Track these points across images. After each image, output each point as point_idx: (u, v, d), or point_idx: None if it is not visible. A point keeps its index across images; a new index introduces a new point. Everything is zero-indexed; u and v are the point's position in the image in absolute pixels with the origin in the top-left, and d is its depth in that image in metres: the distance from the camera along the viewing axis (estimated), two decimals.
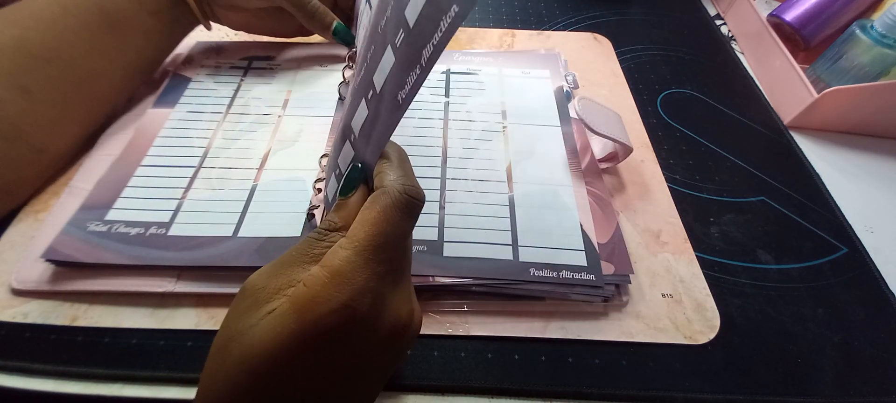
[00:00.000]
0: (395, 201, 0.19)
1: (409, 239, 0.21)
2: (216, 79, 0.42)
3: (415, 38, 0.17)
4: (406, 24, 0.17)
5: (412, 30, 0.17)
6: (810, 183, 0.40)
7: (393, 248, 0.19)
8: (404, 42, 0.18)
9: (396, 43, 0.18)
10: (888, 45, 0.41)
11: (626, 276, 0.30)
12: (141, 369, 0.27)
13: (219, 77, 0.42)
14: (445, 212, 0.33)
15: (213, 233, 0.31)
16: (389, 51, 0.19)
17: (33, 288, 0.29)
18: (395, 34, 0.18)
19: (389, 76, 0.19)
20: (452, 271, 0.29)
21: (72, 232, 0.30)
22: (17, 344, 0.27)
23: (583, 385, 0.27)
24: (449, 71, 0.44)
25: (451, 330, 0.29)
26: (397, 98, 0.18)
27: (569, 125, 0.40)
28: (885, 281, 0.34)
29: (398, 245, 0.19)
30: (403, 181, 0.19)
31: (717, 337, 0.30)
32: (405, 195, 0.19)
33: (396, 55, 0.18)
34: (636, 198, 0.37)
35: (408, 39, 0.17)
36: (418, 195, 0.20)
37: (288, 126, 0.38)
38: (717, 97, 0.47)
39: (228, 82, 0.42)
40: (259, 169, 0.35)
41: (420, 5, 0.16)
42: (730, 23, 0.58)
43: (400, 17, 0.18)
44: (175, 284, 0.29)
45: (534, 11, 0.57)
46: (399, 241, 0.19)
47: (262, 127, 0.38)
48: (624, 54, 0.51)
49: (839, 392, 0.28)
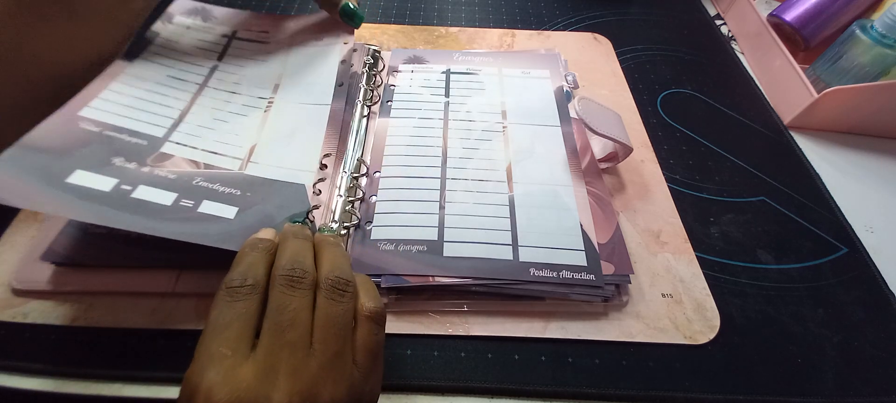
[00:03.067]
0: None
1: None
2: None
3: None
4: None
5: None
6: (810, 183, 0.40)
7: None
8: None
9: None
10: (888, 45, 0.41)
11: (626, 276, 0.30)
12: (141, 369, 0.27)
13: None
14: (445, 212, 0.33)
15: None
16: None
17: (33, 288, 0.29)
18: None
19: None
20: (452, 271, 0.29)
21: (72, 233, 0.30)
22: (17, 344, 0.27)
23: (583, 385, 0.27)
24: (449, 71, 0.44)
25: (451, 330, 0.29)
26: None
27: (569, 125, 0.40)
28: (885, 281, 0.34)
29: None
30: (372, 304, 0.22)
31: (717, 337, 0.30)
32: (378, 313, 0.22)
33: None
34: (636, 198, 0.37)
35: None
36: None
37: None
38: (717, 97, 0.47)
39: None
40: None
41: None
42: (730, 23, 0.58)
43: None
44: (175, 284, 0.29)
45: (534, 11, 0.57)
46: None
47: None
48: (624, 54, 0.51)
49: (839, 392, 0.28)
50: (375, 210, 0.33)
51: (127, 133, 0.31)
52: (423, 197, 0.34)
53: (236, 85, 0.37)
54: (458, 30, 0.52)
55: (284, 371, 0.18)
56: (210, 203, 0.29)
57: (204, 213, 0.28)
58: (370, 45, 0.45)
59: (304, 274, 0.21)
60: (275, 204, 0.30)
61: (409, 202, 0.33)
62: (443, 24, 0.53)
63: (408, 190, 0.34)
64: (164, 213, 0.27)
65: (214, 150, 0.32)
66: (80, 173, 0.27)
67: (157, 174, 0.29)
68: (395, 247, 0.31)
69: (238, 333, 0.19)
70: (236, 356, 0.18)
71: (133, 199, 0.27)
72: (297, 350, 0.19)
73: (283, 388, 0.18)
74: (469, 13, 0.56)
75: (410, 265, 0.30)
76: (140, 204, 0.27)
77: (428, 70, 0.44)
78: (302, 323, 0.19)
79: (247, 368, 0.18)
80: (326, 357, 0.19)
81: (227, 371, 0.18)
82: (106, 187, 0.27)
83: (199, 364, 0.18)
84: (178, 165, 0.30)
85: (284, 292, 0.20)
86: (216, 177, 0.31)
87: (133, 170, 0.29)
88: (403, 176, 0.35)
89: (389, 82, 0.43)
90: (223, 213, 0.28)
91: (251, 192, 0.30)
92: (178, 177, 0.29)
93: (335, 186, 0.33)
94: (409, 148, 0.37)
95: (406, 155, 0.37)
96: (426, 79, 0.43)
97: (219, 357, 0.18)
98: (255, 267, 0.21)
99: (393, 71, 0.44)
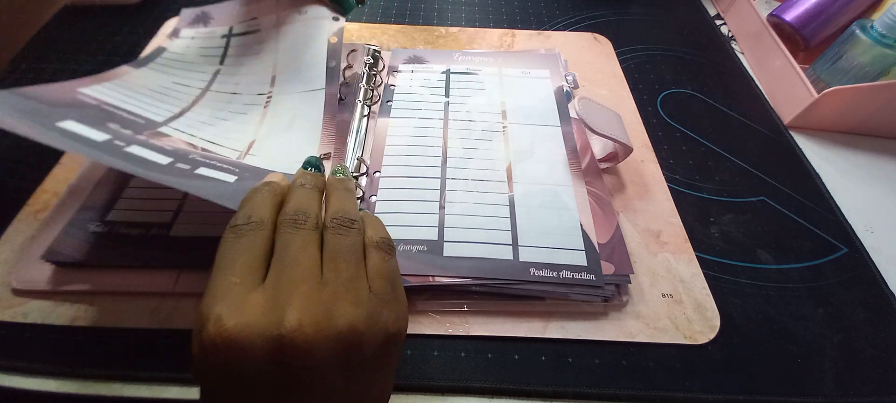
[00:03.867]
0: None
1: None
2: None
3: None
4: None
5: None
6: (810, 183, 0.40)
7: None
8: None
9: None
10: (888, 44, 0.41)
11: (626, 276, 0.30)
12: (141, 369, 0.27)
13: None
14: (445, 212, 0.33)
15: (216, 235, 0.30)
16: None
17: (33, 288, 0.29)
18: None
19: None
20: (452, 271, 0.29)
21: (72, 232, 0.30)
22: (17, 344, 0.27)
23: (583, 385, 0.27)
24: (449, 71, 0.44)
25: (451, 330, 0.29)
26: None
27: (569, 125, 0.40)
28: (885, 281, 0.34)
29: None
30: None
31: (717, 337, 0.30)
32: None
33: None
34: (636, 198, 0.37)
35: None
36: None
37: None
38: (717, 97, 0.47)
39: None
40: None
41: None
42: (730, 23, 0.58)
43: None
44: (175, 284, 0.29)
45: (534, 11, 0.57)
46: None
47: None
48: (624, 54, 0.51)
49: (839, 392, 0.28)
50: (375, 210, 0.33)
51: (125, 112, 0.30)
52: (423, 197, 0.34)
53: (237, 85, 0.37)
54: (458, 30, 0.52)
55: (296, 297, 0.18)
56: (207, 170, 0.28)
57: (202, 175, 0.27)
58: (370, 45, 0.45)
59: (308, 217, 0.20)
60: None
61: (409, 202, 0.33)
62: (443, 24, 0.53)
63: (408, 190, 0.34)
64: (160, 169, 0.26)
65: (213, 140, 0.32)
66: (72, 123, 0.26)
67: (152, 142, 0.28)
68: (396, 247, 0.30)
69: (245, 265, 0.18)
70: (245, 285, 0.18)
71: (126, 153, 0.26)
72: (307, 280, 0.18)
73: (295, 311, 0.17)
74: (469, 13, 0.56)
75: (411, 265, 0.30)
76: (133, 158, 0.26)
77: (428, 70, 0.44)
78: (309, 257, 0.19)
79: (256, 296, 0.18)
80: (339, 282, 0.19)
81: (236, 299, 0.17)
82: (98, 138, 0.26)
83: (208, 297, 0.18)
84: (174, 143, 0.30)
85: (289, 231, 0.20)
86: (213, 158, 0.30)
87: (128, 135, 0.28)
88: (403, 176, 0.35)
89: (389, 82, 0.43)
90: (221, 177, 0.28)
91: (249, 174, 0.30)
92: (174, 148, 0.29)
93: None
94: (409, 148, 0.37)
95: (406, 155, 0.37)
96: (426, 79, 0.43)
97: (227, 287, 0.18)
98: (260, 206, 0.21)
99: (393, 71, 0.44)
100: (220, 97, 0.36)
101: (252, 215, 0.20)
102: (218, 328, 0.16)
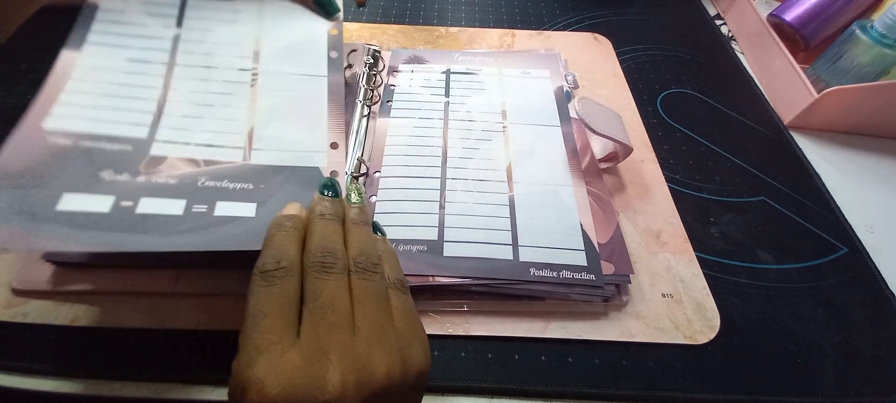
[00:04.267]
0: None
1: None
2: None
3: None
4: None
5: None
6: (810, 183, 0.40)
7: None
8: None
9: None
10: (888, 45, 0.41)
11: (626, 276, 0.30)
12: (141, 369, 0.27)
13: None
14: (445, 212, 0.33)
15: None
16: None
17: (33, 288, 0.29)
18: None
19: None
20: (452, 271, 0.29)
21: None
22: (17, 344, 0.27)
23: (583, 385, 0.27)
24: (449, 71, 0.44)
25: (451, 330, 0.29)
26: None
27: (569, 125, 0.40)
28: (885, 281, 0.34)
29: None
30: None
31: (717, 337, 0.30)
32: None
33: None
34: (636, 198, 0.37)
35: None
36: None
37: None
38: (717, 97, 0.47)
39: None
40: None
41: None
42: (730, 23, 0.58)
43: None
44: (175, 284, 0.29)
45: (534, 11, 0.57)
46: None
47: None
48: (624, 54, 0.51)
49: (839, 392, 0.28)
50: (375, 210, 0.33)
51: (106, 140, 0.27)
52: (423, 197, 0.34)
53: (208, 56, 0.32)
54: (458, 30, 0.52)
55: (334, 352, 0.18)
56: (225, 204, 0.26)
57: (221, 216, 0.25)
58: (370, 45, 0.45)
59: (336, 259, 0.20)
60: (290, 192, 0.28)
61: (409, 202, 0.33)
62: (443, 24, 0.53)
63: (408, 190, 0.34)
64: (179, 225, 0.24)
65: (210, 143, 0.29)
66: (68, 196, 0.23)
67: (156, 182, 0.26)
68: (396, 247, 0.31)
69: (280, 319, 0.18)
70: (283, 343, 0.18)
71: (139, 216, 0.24)
72: (342, 331, 0.18)
73: (337, 369, 0.17)
74: (469, 13, 0.56)
75: (411, 265, 0.30)
76: (148, 220, 0.24)
77: (428, 70, 0.44)
78: (341, 304, 0.19)
79: (295, 354, 0.17)
80: (372, 331, 0.19)
81: (276, 360, 0.17)
82: (104, 207, 0.24)
83: (245, 355, 0.17)
84: (175, 167, 0.27)
85: (318, 277, 0.20)
86: (222, 174, 0.28)
87: (128, 183, 0.25)
88: (403, 176, 0.35)
89: (389, 82, 0.43)
90: (242, 212, 0.26)
91: (264, 183, 0.28)
92: (180, 181, 0.26)
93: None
94: (409, 148, 0.37)
95: (406, 155, 0.37)
96: (426, 79, 0.43)
97: (265, 346, 0.17)
98: (287, 248, 0.20)
99: (393, 71, 0.44)
100: (191, 73, 0.31)
101: (281, 259, 0.20)
102: (262, 395, 0.16)
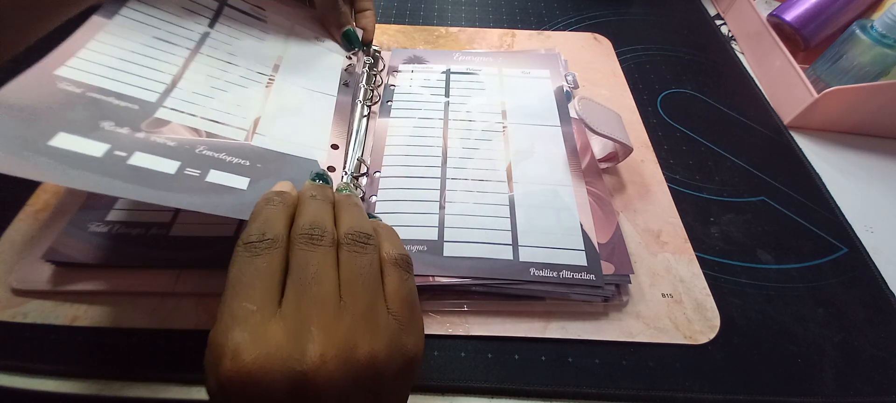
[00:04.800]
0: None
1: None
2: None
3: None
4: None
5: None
6: (810, 183, 0.40)
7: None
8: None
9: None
10: (888, 45, 0.41)
11: (626, 276, 0.30)
12: (141, 369, 0.27)
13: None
14: (445, 212, 0.33)
15: (216, 234, 0.30)
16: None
17: (33, 288, 0.29)
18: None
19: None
20: (452, 271, 0.29)
21: (72, 232, 0.30)
22: (17, 344, 0.27)
23: (583, 385, 0.27)
24: (449, 71, 0.44)
25: (451, 330, 0.29)
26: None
27: (569, 125, 0.40)
28: (885, 281, 0.34)
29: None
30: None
31: (717, 337, 0.30)
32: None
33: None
34: (636, 198, 0.37)
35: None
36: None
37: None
38: (717, 97, 0.47)
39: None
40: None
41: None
42: (730, 23, 0.58)
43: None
44: (175, 284, 0.29)
45: (534, 11, 0.57)
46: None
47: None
48: (624, 54, 0.51)
49: (839, 392, 0.28)
50: (375, 210, 0.33)
51: (114, 96, 0.27)
52: (423, 196, 0.34)
53: (231, 55, 0.34)
54: (458, 30, 0.52)
55: (316, 326, 0.17)
56: (218, 172, 0.26)
57: (213, 183, 0.26)
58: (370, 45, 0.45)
59: (324, 233, 0.20)
60: (287, 177, 0.28)
61: (409, 202, 0.33)
62: (443, 24, 0.53)
63: (408, 190, 0.34)
64: (169, 183, 0.24)
65: (216, 119, 0.30)
66: (63, 135, 0.24)
67: (154, 140, 0.26)
68: None
69: (262, 289, 0.18)
70: (263, 312, 0.17)
71: (130, 166, 0.24)
72: (326, 305, 0.18)
73: (317, 343, 0.17)
74: (469, 13, 0.56)
75: None
76: (138, 172, 0.24)
77: (428, 70, 0.44)
78: (327, 278, 0.18)
79: (275, 325, 0.17)
80: (358, 309, 0.18)
81: (254, 329, 0.17)
82: (97, 152, 0.24)
83: (222, 324, 0.17)
84: (176, 132, 0.27)
85: (305, 249, 0.19)
86: (221, 147, 0.28)
87: (126, 135, 0.25)
88: (404, 176, 0.35)
89: (389, 82, 0.43)
90: (234, 184, 0.26)
91: (261, 164, 0.28)
92: (178, 144, 0.27)
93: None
94: (409, 148, 0.37)
95: (406, 155, 0.37)
96: (426, 79, 0.43)
97: (243, 314, 0.17)
98: (274, 222, 0.20)
99: (393, 71, 0.44)
100: (212, 63, 0.33)
101: (266, 231, 0.19)
102: (236, 363, 0.16)
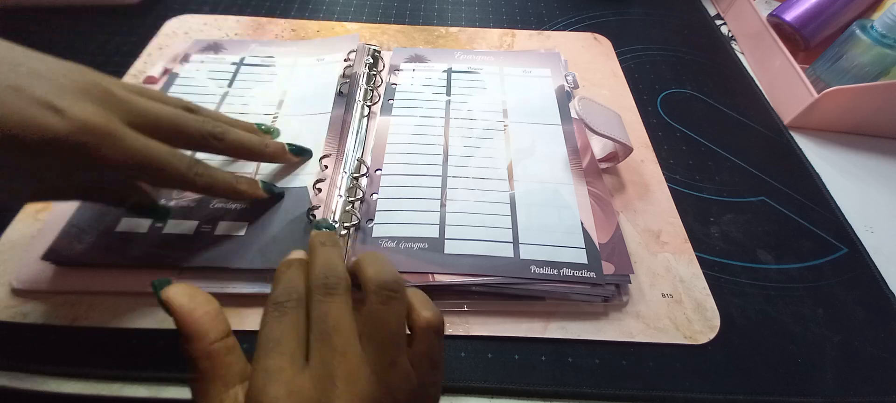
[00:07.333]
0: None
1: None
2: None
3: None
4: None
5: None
6: (810, 183, 0.40)
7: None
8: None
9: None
10: (888, 45, 0.41)
11: (626, 276, 0.30)
12: (141, 369, 0.27)
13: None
14: (447, 210, 0.33)
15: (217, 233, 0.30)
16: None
17: (33, 288, 0.29)
18: None
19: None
20: (453, 268, 0.29)
21: (72, 233, 0.30)
22: (17, 344, 0.27)
23: (583, 385, 0.27)
24: (450, 70, 0.44)
25: (451, 330, 0.29)
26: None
27: (570, 124, 0.40)
28: (885, 281, 0.34)
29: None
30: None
31: (717, 337, 0.30)
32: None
33: None
34: (636, 198, 0.37)
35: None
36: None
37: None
38: (717, 97, 0.47)
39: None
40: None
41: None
42: (730, 23, 0.58)
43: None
44: None
45: (534, 11, 0.57)
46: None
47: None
48: (624, 54, 0.51)
49: (839, 392, 0.28)
50: (377, 208, 0.33)
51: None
52: (424, 194, 0.34)
53: (244, 106, 0.39)
54: (459, 30, 0.52)
55: (340, 376, 0.18)
56: (224, 223, 0.31)
57: (219, 236, 0.30)
58: (370, 45, 0.45)
59: (338, 280, 0.21)
60: (277, 209, 0.32)
61: (410, 200, 0.33)
62: (443, 24, 0.53)
63: (409, 187, 0.34)
64: (189, 245, 0.30)
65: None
66: (125, 221, 0.31)
67: (181, 206, 0.32)
68: (397, 245, 0.31)
69: (291, 346, 0.19)
70: (293, 367, 0.18)
71: (164, 236, 0.30)
72: (348, 355, 0.19)
73: (343, 394, 0.18)
74: (469, 13, 0.56)
75: (411, 262, 0.30)
76: (168, 238, 0.30)
77: (429, 69, 0.44)
78: (346, 327, 0.20)
79: (304, 378, 0.18)
80: (382, 365, 0.19)
81: (288, 383, 0.18)
82: (143, 228, 0.31)
83: (259, 381, 0.18)
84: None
85: (322, 300, 0.20)
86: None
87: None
88: (405, 174, 0.35)
89: (391, 81, 0.43)
90: (236, 232, 0.31)
91: (258, 219, 0.32)
92: (197, 204, 0.32)
93: (335, 186, 0.33)
94: (410, 146, 0.37)
95: (407, 153, 0.37)
96: (427, 78, 0.43)
97: (277, 371, 0.18)
98: (296, 282, 0.22)
99: (394, 69, 0.44)
100: (229, 111, 0.38)
101: (292, 292, 0.21)
102: None
